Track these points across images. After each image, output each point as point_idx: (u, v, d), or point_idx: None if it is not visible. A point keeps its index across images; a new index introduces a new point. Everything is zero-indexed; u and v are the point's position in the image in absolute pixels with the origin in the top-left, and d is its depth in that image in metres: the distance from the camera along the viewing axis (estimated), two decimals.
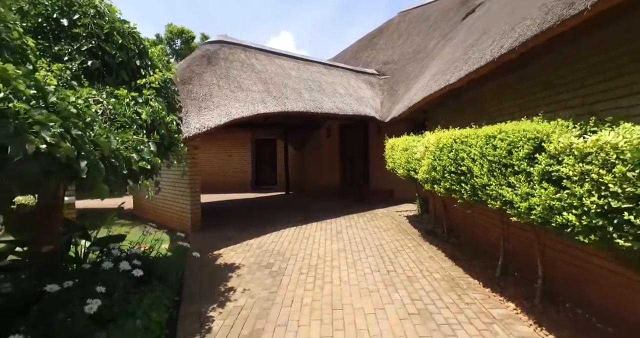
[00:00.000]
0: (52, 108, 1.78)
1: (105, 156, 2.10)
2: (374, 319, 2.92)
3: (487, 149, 2.87)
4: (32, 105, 1.64)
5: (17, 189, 1.83)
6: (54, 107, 1.79)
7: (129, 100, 3.06)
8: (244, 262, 4.55)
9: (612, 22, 2.41)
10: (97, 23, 3.22)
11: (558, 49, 2.99)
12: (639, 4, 2.00)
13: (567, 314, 2.83)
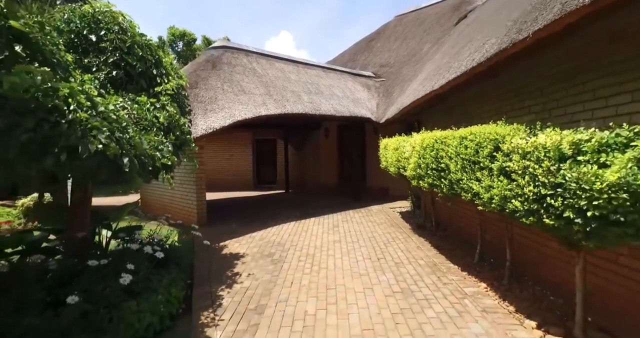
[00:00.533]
0: (100, 115, 2.25)
1: (138, 154, 2.58)
2: (362, 296, 3.40)
3: (460, 148, 3.35)
4: (90, 115, 2.11)
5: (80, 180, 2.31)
6: (102, 115, 2.27)
7: (149, 106, 3.53)
8: (247, 251, 5.03)
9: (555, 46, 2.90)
10: (121, 38, 3.70)
11: (524, 61, 3.47)
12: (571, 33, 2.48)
13: (528, 290, 3.31)
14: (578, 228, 1.98)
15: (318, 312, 3.11)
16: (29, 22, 2.39)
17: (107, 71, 3.55)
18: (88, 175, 2.13)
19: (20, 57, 2.25)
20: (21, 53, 2.26)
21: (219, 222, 6.87)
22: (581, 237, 2.03)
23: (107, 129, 2.16)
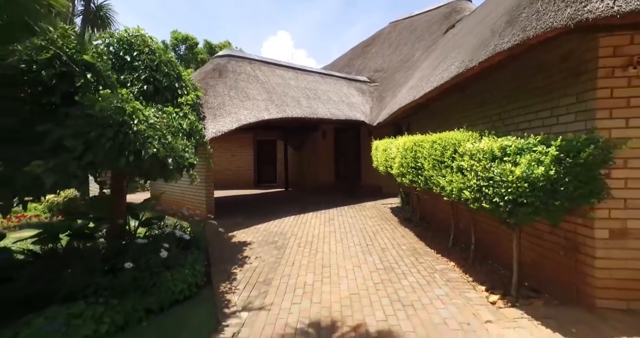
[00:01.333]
0: (151, 126, 3.03)
1: (175, 155, 3.35)
2: (351, 271, 4.19)
3: (431, 150, 4.15)
4: (145, 126, 2.89)
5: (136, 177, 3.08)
6: (152, 126, 3.05)
7: (174, 115, 4.31)
8: (253, 239, 5.81)
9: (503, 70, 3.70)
10: (150, 58, 4.47)
11: (484, 78, 4.26)
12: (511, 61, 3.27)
13: (487, 266, 4.11)
14: (502, 209, 2.78)
15: (315, 282, 3.90)
16: (94, 55, 3.18)
17: (139, 86, 4.32)
18: (144, 172, 2.91)
19: (90, 83, 3.04)
20: (91, 79, 3.05)
21: (225, 216, 7.64)
22: (505, 216, 2.83)
23: (157, 137, 2.94)
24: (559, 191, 2.54)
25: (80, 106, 2.80)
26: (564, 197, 2.55)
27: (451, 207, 5.02)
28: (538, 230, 3.36)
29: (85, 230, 4.40)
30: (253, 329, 2.93)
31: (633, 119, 2.65)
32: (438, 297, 3.40)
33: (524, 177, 2.55)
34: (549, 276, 3.26)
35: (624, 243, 2.69)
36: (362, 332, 2.81)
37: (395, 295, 3.47)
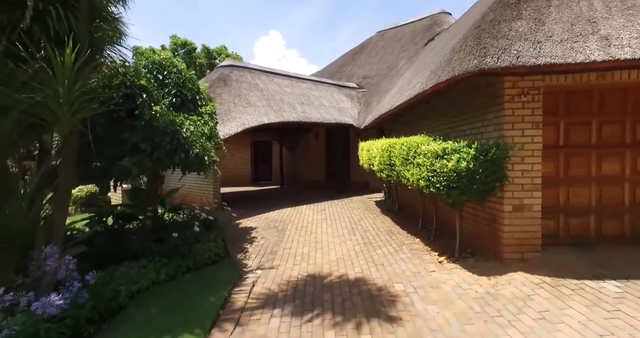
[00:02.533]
0: (192, 133, 4.22)
1: (208, 154, 4.54)
2: (339, 245, 5.44)
3: (400, 151, 5.42)
4: (190, 133, 4.08)
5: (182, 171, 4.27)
6: (193, 132, 4.23)
7: (199, 122, 5.49)
8: (258, 225, 7.02)
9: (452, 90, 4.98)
10: (177, 76, 5.64)
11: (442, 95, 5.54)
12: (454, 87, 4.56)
13: (443, 241, 5.39)
14: (442, 192, 4.05)
15: (310, 252, 5.14)
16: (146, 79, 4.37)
17: (170, 99, 5.49)
18: (188, 166, 4.10)
19: (145, 101, 4.22)
20: (146, 98, 4.24)
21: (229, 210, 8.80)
22: (445, 197, 4.11)
23: (197, 140, 4.14)
24: (476, 179, 3.82)
25: (141, 119, 4.00)
26: (480, 182, 3.83)
27: (420, 197, 6.30)
28: (475, 210, 4.66)
29: (125, 214, 5.56)
30: (267, 279, 4.15)
31: (526, 129, 3.95)
32: (402, 259, 4.67)
33: (454, 169, 3.82)
34: (481, 242, 4.56)
35: (521, 214, 3.99)
36: (344, 278, 4.06)
37: (370, 259, 4.73)
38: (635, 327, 2.58)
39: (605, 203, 4.22)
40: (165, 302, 3.51)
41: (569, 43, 3.39)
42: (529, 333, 2.64)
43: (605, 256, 3.90)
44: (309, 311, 3.27)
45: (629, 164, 4.15)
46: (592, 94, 4.12)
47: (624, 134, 4.13)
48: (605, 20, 3.50)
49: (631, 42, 3.23)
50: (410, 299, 3.40)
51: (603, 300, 3.00)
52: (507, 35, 3.61)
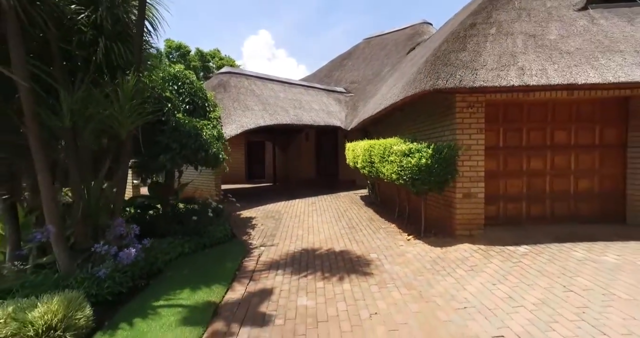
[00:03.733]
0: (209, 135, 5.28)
1: (221, 152, 5.61)
2: (327, 229, 6.58)
3: (378, 150, 6.59)
4: (208, 135, 5.14)
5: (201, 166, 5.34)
6: (209, 135, 5.30)
7: (210, 126, 6.55)
8: (257, 215, 8.11)
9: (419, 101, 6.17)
10: (190, 86, 6.69)
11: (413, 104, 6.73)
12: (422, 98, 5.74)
13: (413, 226, 6.58)
14: (408, 183, 5.23)
15: (304, 234, 6.27)
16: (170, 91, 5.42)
17: (184, 106, 6.54)
18: (207, 162, 5.17)
19: (170, 110, 5.28)
20: (170, 107, 5.30)
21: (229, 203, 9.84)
22: (411, 187, 5.29)
23: (214, 142, 5.21)
24: (433, 172, 5.00)
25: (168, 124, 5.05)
26: (436, 175, 5.02)
27: (397, 191, 7.50)
28: (436, 199, 5.86)
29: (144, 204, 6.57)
30: (269, 252, 5.25)
31: (473, 134, 5.15)
32: (378, 238, 5.84)
33: (416, 164, 5.00)
34: (441, 224, 5.77)
35: (469, 200, 5.20)
36: (331, 251, 5.20)
37: (352, 238, 5.89)
38: (527, 270, 3.80)
39: (533, 191, 5.49)
40: (193, 267, 4.58)
41: (497, 71, 4.60)
42: (460, 279, 3.83)
43: (529, 231, 5.15)
44: (304, 271, 4.39)
45: (549, 162, 5.42)
46: (522, 107, 5.37)
47: (545, 138, 5.39)
48: (522, 55, 4.73)
49: (537, 73, 4.46)
50: (381, 263, 4.57)
51: (513, 256, 4.23)
52: (454, 63, 4.81)
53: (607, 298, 3.07)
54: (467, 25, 5.37)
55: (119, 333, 2.88)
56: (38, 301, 2.69)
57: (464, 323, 2.90)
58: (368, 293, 3.63)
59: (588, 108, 5.30)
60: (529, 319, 2.86)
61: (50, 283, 3.29)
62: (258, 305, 3.48)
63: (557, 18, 5.24)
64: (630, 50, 4.61)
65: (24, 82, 3.09)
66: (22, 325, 2.45)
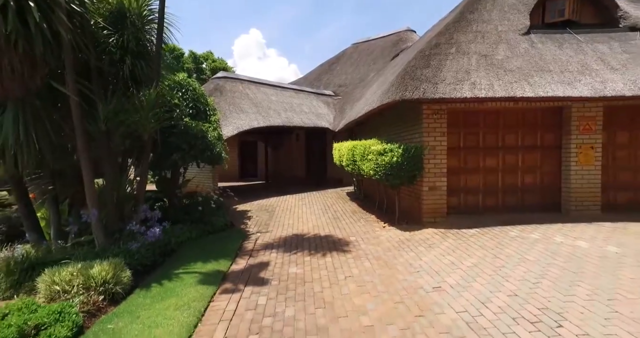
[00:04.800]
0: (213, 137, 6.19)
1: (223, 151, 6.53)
2: (315, 219, 7.56)
3: (359, 150, 7.58)
4: (213, 137, 6.05)
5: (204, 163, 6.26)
6: (213, 136, 6.21)
7: (211, 128, 7.45)
8: (251, 209, 9.03)
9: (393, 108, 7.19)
10: (193, 93, 7.58)
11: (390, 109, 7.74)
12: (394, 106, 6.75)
13: (390, 215, 7.61)
14: (383, 178, 6.23)
15: (294, 223, 7.23)
16: (179, 99, 6.33)
17: (188, 111, 7.42)
18: (211, 160, 6.08)
19: (178, 114, 6.18)
20: (179, 112, 6.20)
21: (224, 198, 10.73)
22: (385, 182, 6.29)
23: (217, 142, 6.13)
24: (404, 168, 6.02)
25: (177, 127, 5.95)
26: (406, 171, 6.03)
27: (377, 186, 8.51)
28: (408, 192, 6.89)
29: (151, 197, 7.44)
30: (265, 237, 6.19)
31: (437, 136, 6.18)
32: (358, 226, 6.84)
33: (389, 162, 6.00)
34: (412, 213, 6.79)
35: (434, 192, 6.23)
36: (317, 235, 6.17)
37: (336, 226, 6.87)
38: (471, 245, 4.84)
39: (488, 185, 6.56)
40: (201, 248, 5.50)
41: (453, 85, 5.64)
42: (419, 253, 4.84)
43: (483, 219, 6.21)
44: (294, 249, 5.36)
45: (501, 160, 6.50)
46: (479, 114, 6.43)
47: (498, 140, 6.47)
48: (475, 72, 5.78)
49: (485, 87, 5.52)
50: (358, 243, 5.56)
51: (464, 237, 5.28)
52: (419, 78, 5.83)
53: (519, 261, 4.12)
54: (433, 44, 6.41)
55: (152, 289, 3.79)
56: (94, 264, 3.59)
57: (415, 280, 3.90)
58: (345, 263, 4.61)
59: (532, 115, 6.39)
60: (461, 276, 3.88)
61: (92, 255, 4.17)
62: (257, 272, 4.43)
63: (505, 41, 6.33)
64: (557, 70, 5.72)
65: (75, 96, 3.98)
66: (87, 278, 3.35)
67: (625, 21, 6.49)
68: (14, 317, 2.61)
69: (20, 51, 3.57)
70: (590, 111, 5.96)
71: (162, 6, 4.98)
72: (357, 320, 3.05)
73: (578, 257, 4.16)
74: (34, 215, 4.66)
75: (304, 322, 3.09)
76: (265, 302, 3.54)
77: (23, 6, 3.40)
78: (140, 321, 3.06)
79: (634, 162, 6.30)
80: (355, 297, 3.55)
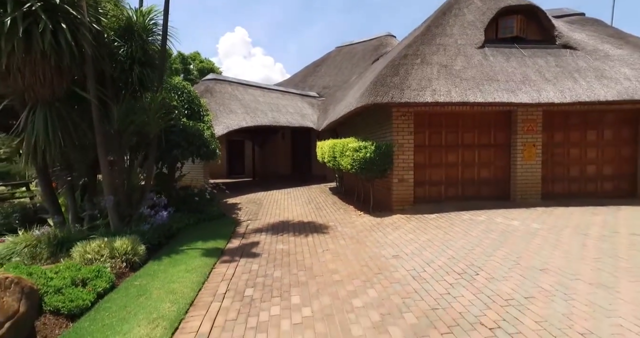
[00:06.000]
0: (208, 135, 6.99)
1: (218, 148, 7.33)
2: (299, 209, 8.45)
3: (338, 147, 8.52)
4: (208, 135, 6.85)
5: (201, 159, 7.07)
6: (208, 135, 7.01)
7: (205, 127, 8.24)
8: (241, 201, 9.85)
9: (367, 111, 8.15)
10: (188, 95, 8.35)
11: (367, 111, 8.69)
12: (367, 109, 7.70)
13: (365, 205, 8.58)
14: (358, 172, 7.18)
15: (280, 212, 8.11)
16: (177, 100, 7.11)
17: (184, 111, 8.18)
18: (207, 156, 6.89)
19: (177, 115, 6.96)
20: (177, 113, 6.98)
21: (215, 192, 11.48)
22: (360, 175, 7.24)
23: (212, 140, 6.93)
24: (376, 163, 6.97)
25: (176, 126, 6.73)
26: (378, 166, 6.98)
27: (355, 181, 9.47)
28: (381, 184, 7.87)
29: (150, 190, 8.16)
30: (254, 224, 7.05)
31: (405, 135, 7.16)
32: (337, 214, 7.77)
33: (363, 157, 6.95)
34: (384, 203, 7.77)
35: (402, 184, 7.22)
36: (301, 221, 7.07)
37: (318, 214, 7.79)
38: (429, 226, 5.85)
39: (449, 178, 7.60)
40: (199, 232, 6.30)
41: (417, 91, 6.63)
42: (386, 233, 5.80)
43: (444, 206, 7.24)
44: (281, 232, 6.24)
45: (460, 156, 7.54)
46: (441, 116, 7.46)
47: (458, 139, 7.51)
48: (436, 80, 6.79)
49: (444, 93, 6.53)
50: (336, 227, 6.49)
51: (425, 220, 6.28)
52: (388, 84, 6.80)
53: (463, 236, 5.13)
54: (402, 55, 7.40)
55: (164, 260, 4.61)
56: (115, 239, 4.37)
57: (379, 251, 4.85)
58: (324, 241, 5.53)
59: (486, 117, 7.45)
60: (416, 247, 4.85)
61: (109, 235, 4.94)
62: (250, 249, 5.30)
63: (462, 53, 7.37)
64: (503, 80, 6.79)
65: (95, 101, 4.75)
66: (111, 249, 4.14)
67: (560, 40, 7.65)
68: (66, 272, 3.39)
69: (52, 63, 4.32)
70: (532, 115, 7.07)
71: (166, 21, 5.76)
72: (330, 277, 3.97)
73: (508, 232, 5.20)
74: (57, 201, 5.37)
75: (288, 279, 3.98)
76: (258, 267, 4.42)
77: (57, 28, 4.16)
78: (159, 280, 3.89)
79: (567, 158, 7.47)
80: (330, 263, 4.47)
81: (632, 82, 6.64)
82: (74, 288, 3.26)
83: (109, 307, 3.20)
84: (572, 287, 3.30)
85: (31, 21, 4.02)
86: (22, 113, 4.60)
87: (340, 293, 3.51)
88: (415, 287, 3.56)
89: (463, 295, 3.30)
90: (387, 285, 3.64)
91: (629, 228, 5.24)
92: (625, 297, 3.07)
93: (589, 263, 3.86)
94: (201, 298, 3.57)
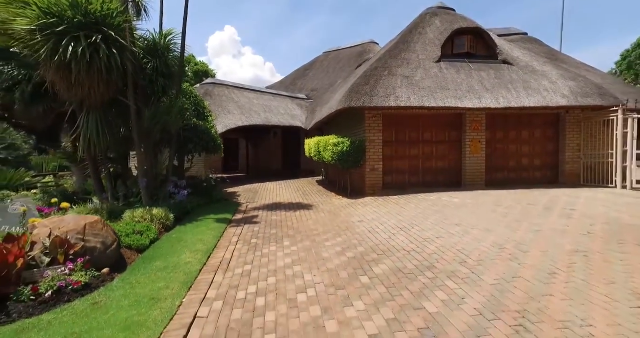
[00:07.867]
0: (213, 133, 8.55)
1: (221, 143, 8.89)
2: (289, 196, 10.07)
3: (322, 143, 10.15)
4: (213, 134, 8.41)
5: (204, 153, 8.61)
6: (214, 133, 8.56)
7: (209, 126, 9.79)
8: (239, 191, 11.42)
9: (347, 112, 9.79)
10: (194, 99, 9.90)
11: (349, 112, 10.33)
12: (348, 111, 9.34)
13: (345, 192, 10.24)
14: (337, 163, 8.82)
15: (274, 197, 9.73)
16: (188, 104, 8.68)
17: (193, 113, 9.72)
18: (213, 150, 8.44)
19: (189, 116, 8.52)
20: (190, 115, 8.54)
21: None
22: (339, 165, 8.89)
23: (217, 137, 8.49)
24: (351, 155, 8.63)
25: (188, 125, 8.28)
26: (354, 157, 8.64)
27: (337, 173, 11.12)
28: (357, 173, 9.53)
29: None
30: (253, 205, 8.64)
31: (375, 133, 8.83)
32: (321, 198, 9.41)
33: (341, 150, 8.59)
34: (359, 189, 9.43)
35: (373, 172, 8.89)
36: (291, 203, 8.69)
37: (305, 199, 9.42)
38: (390, 204, 7.54)
39: (412, 168, 9.31)
40: (210, 209, 7.86)
41: (384, 98, 8.31)
42: (357, 209, 7.46)
43: (407, 190, 8.94)
44: (274, 209, 7.86)
45: (421, 150, 9.26)
46: (405, 118, 9.16)
47: (419, 136, 9.22)
48: (399, 89, 8.49)
49: (405, 99, 8.23)
50: (318, 206, 8.13)
51: (389, 200, 7.98)
52: (361, 92, 8.46)
53: (414, 209, 6.84)
54: (373, 68, 9.08)
55: (187, 226, 6.17)
56: (152, 209, 5.92)
57: (349, 219, 6.50)
58: (308, 214, 7.16)
59: (442, 119, 9.19)
60: (376, 217, 6.52)
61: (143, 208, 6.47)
62: (251, 220, 6.90)
63: (422, 67, 9.09)
64: (453, 89, 8.53)
65: (134, 105, 6.28)
66: (151, 216, 5.69)
67: (501, 56, 9.42)
68: (127, 226, 4.96)
69: (104, 77, 5.84)
70: (478, 117, 8.83)
71: (183, 43, 7.32)
72: (311, 232, 5.62)
73: (447, 206, 6.93)
74: (102, 183, 6.87)
75: (281, 234, 5.61)
76: (258, 229, 6.04)
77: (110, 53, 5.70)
78: (190, 234, 5.48)
79: (506, 152, 9.27)
80: (312, 225, 6.11)
81: (549, 92, 8.45)
82: (135, 235, 4.82)
83: (161, 246, 4.79)
84: (469, 232, 5.02)
85: (92, 49, 5.55)
86: (79, 115, 6.11)
87: (317, 240, 5.16)
88: (369, 236, 5.23)
89: (399, 238, 4.98)
90: (350, 236, 5.30)
91: (530, 201, 7.03)
92: (495, 235, 4.80)
93: (487, 221, 5.60)
94: (221, 244, 5.17)
